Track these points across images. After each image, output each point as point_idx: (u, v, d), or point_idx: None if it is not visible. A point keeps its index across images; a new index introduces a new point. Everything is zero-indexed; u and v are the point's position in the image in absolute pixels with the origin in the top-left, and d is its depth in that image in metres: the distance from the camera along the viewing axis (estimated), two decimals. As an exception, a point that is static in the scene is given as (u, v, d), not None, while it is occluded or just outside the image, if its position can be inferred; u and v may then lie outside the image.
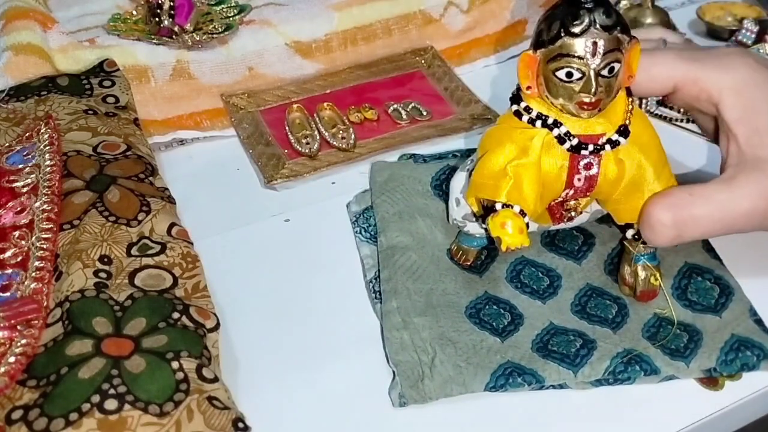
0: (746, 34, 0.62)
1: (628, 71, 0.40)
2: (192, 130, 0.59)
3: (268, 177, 0.54)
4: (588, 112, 0.39)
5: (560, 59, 0.38)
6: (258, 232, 0.51)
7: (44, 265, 0.43)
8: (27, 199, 0.46)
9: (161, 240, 0.45)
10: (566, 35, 0.38)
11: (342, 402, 0.41)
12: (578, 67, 0.38)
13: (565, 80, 0.39)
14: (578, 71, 0.38)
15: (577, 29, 0.38)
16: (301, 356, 0.43)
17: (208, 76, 0.60)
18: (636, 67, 0.41)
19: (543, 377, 0.41)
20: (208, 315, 0.42)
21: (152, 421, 0.36)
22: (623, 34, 0.39)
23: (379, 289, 0.45)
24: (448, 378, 0.40)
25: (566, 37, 0.38)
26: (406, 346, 0.41)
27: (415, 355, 0.41)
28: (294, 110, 0.59)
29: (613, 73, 0.39)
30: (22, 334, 0.39)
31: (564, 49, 0.38)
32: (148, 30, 0.61)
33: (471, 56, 0.67)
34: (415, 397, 0.40)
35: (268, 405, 0.40)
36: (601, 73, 0.38)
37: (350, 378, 0.42)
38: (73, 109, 0.54)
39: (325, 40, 0.63)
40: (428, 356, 0.41)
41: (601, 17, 0.38)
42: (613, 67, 0.39)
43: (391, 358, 0.41)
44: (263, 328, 0.45)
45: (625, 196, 0.42)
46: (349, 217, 0.51)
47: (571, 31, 0.38)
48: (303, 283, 0.47)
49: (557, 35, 0.38)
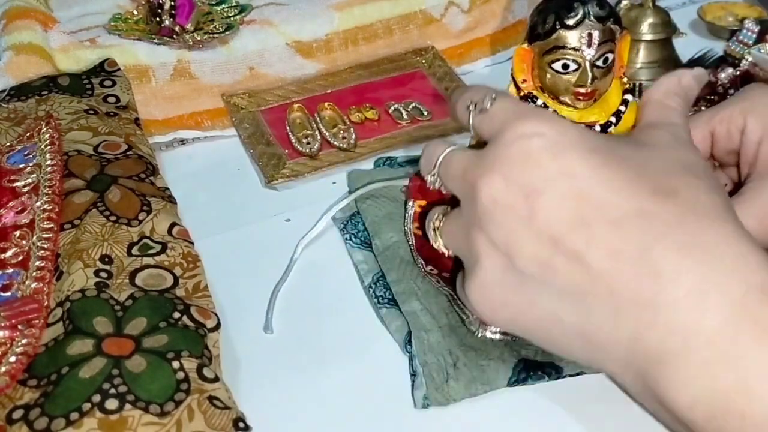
0: (747, 34, 0.62)
1: (619, 61, 0.41)
2: (193, 130, 0.59)
3: (268, 177, 0.54)
4: (584, 102, 0.40)
5: (556, 51, 0.39)
6: (258, 232, 0.51)
7: (45, 265, 0.43)
8: (28, 199, 0.46)
9: (162, 240, 0.45)
10: (561, 28, 0.39)
11: (342, 402, 0.41)
12: (574, 58, 0.39)
13: (561, 72, 0.40)
14: (574, 62, 0.39)
15: (572, 21, 0.39)
16: (301, 356, 0.43)
17: (208, 75, 0.60)
18: (626, 57, 0.42)
19: (561, 367, 0.41)
20: (208, 315, 0.42)
21: (153, 420, 0.36)
22: (615, 25, 0.40)
23: (382, 294, 0.45)
24: (472, 378, 0.40)
25: (561, 30, 0.39)
26: (433, 347, 0.41)
27: (441, 358, 0.41)
28: (295, 110, 0.59)
29: (607, 63, 0.40)
30: (23, 333, 0.39)
31: (560, 41, 0.39)
32: (149, 30, 0.61)
33: (472, 56, 0.67)
34: (440, 399, 0.39)
35: (269, 405, 0.40)
36: (596, 63, 0.40)
37: (350, 378, 0.42)
38: (74, 108, 0.54)
39: (326, 39, 0.63)
40: (452, 359, 0.41)
41: (594, 9, 0.39)
42: (607, 58, 0.40)
43: (419, 358, 0.41)
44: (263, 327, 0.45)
45: None
46: (336, 225, 0.50)
47: (566, 23, 0.39)
48: (303, 283, 0.47)
49: (552, 28, 0.39)
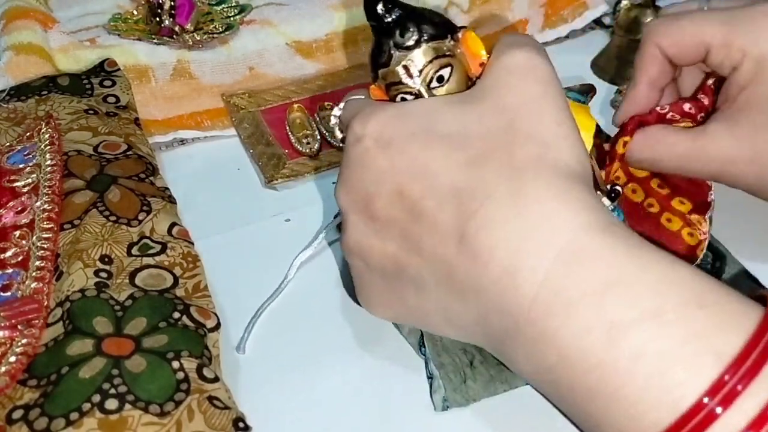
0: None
1: (474, 59, 0.38)
2: (193, 130, 0.59)
3: (268, 177, 0.54)
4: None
5: (392, 88, 0.38)
6: (258, 232, 0.51)
7: (45, 265, 0.43)
8: (28, 199, 0.46)
9: (162, 240, 0.45)
10: (380, 68, 0.38)
11: (342, 402, 0.41)
12: (407, 91, 0.38)
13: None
14: (410, 95, 0.38)
15: (384, 60, 0.38)
16: (301, 356, 0.43)
17: (208, 75, 0.60)
18: (480, 49, 0.38)
19: None
20: (208, 315, 0.42)
21: (153, 420, 0.36)
22: (435, 40, 0.37)
23: None
24: (490, 378, 0.40)
25: (381, 70, 0.38)
26: (447, 348, 0.41)
27: (456, 358, 0.41)
28: (295, 110, 0.59)
29: (446, 78, 0.37)
30: (23, 333, 0.39)
31: (388, 79, 0.38)
32: (149, 30, 0.61)
33: (471, 56, 0.67)
34: (459, 400, 0.39)
35: (269, 405, 0.40)
36: (431, 85, 0.37)
37: (351, 378, 0.42)
38: (74, 108, 0.54)
39: (326, 39, 0.63)
40: (468, 359, 0.41)
41: (398, 40, 0.37)
42: (442, 76, 0.37)
43: (433, 361, 0.40)
44: (264, 327, 0.45)
45: None
46: (337, 231, 0.48)
47: (381, 64, 0.38)
48: (303, 283, 0.47)
49: (374, 70, 0.38)
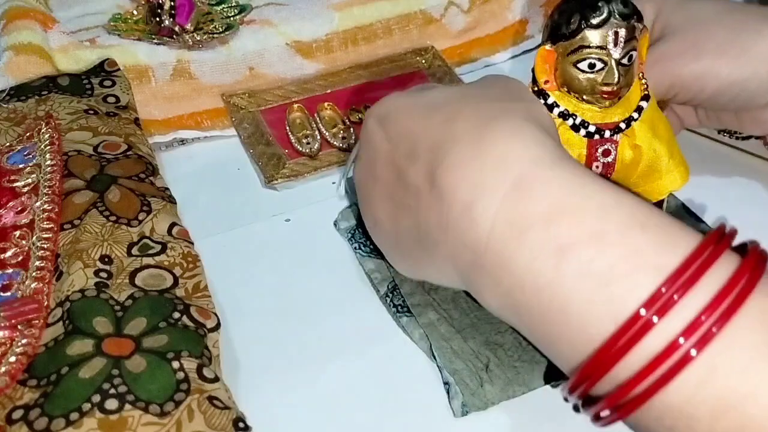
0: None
1: (639, 58, 0.41)
2: (193, 130, 0.59)
3: (268, 177, 0.54)
4: (609, 101, 0.40)
5: (581, 51, 0.39)
6: (258, 232, 0.51)
7: (45, 265, 0.43)
8: (28, 199, 0.46)
9: (162, 240, 0.45)
10: (587, 27, 0.39)
11: (343, 402, 0.41)
12: (600, 57, 0.39)
13: (587, 71, 0.40)
14: (600, 62, 0.39)
15: (597, 20, 0.39)
16: (301, 356, 0.43)
17: (208, 75, 0.60)
18: (645, 54, 0.42)
19: None
20: (208, 315, 0.42)
21: (153, 420, 0.36)
22: (639, 23, 0.40)
23: (400, 302, 0.44)
24: (507, 381, 0.40)
25: (587, 30, 0.39)
26: (458, 354, 0.41)
27: (470, 363, 0.40)
28: (294, 110, 0.59)
29: (631, 61, 0.40)
30: (23, 333, 0.39)
31: (585, 41, 0.39)
32: (149, 30, 0.61)
33: (472, 56, 0.67)
34: (478, 404, 0.39)
35: (269, 405, 0.40)
36: (622, 62, 0.39)
37: (351, 378, 0.42)
38: (74, 108, 0.54)
39: (326, 39, 0.63)
40: (483, 362, 0.41)
41: (619, 7, 0.39)
42: (632, 55, 0.40)
43: (446, 368, 0.40)
44: (264, 328, 0.45)
45: (642, 179, 0.43)
46: (341, 234, 0.50)
47: (591, 23, 0.39)
48: (303, 283, 0.47)
49: (578, 28, 0.39)
